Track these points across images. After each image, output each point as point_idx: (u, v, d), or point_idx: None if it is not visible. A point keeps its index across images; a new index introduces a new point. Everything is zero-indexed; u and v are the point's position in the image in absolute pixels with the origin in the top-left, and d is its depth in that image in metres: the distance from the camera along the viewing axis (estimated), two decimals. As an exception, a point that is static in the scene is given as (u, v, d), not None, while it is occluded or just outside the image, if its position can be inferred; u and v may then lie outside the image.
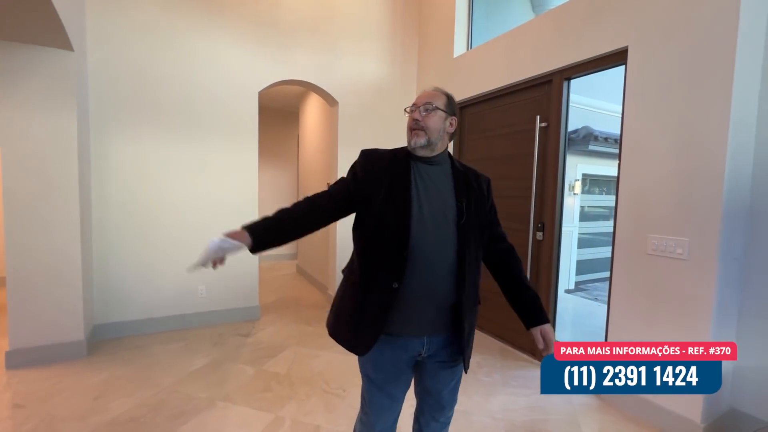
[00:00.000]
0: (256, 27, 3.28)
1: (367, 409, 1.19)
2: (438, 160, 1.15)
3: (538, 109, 2.71)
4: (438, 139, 1.13)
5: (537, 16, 2.78)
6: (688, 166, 1.85)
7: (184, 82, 3.04)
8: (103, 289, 2.88)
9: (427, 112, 1.11)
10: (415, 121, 1.11)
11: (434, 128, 1.11)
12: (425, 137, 1.10)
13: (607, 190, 6.96)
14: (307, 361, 2.61)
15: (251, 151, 3.34)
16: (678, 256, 1.89)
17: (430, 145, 1.12)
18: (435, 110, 1.12)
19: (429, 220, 1.08)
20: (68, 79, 2.42)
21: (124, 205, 2.91)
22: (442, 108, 1.13)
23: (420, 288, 1.07)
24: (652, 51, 1.99)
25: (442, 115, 1.13)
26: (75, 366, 2.43)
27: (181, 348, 2.77)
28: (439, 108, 1.12)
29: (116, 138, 2.87)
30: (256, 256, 3.42)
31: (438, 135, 1.12)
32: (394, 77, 3.93)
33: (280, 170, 6.22)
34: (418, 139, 1.10)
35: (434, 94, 1.15)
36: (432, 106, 1.11)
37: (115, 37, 2.82)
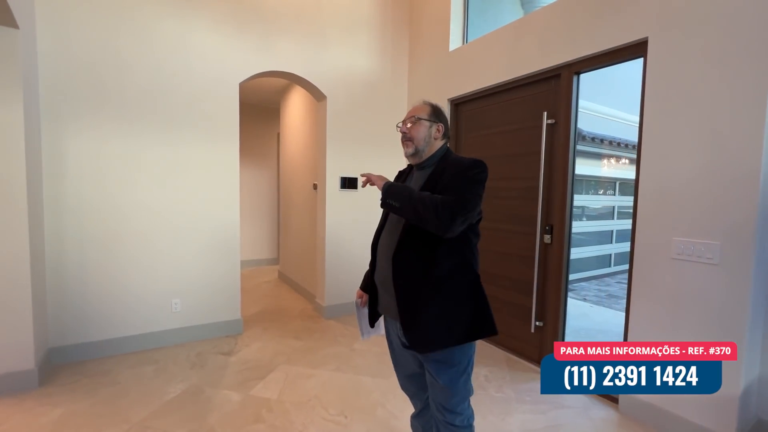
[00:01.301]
0: (236, 11, 2.97)
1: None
2: (426, 164, 1.29)
3: (545, 105, 2.57)
4: (425, 146, 1.28)
5: (540, 7, 2.64)
6: (718, 166, 1.74)
7: (154, 70, 2.70)
8: (59, 307, 2.49)
9: (412, 124, 1.27)
10: (403, 134, 1.29)
11: (419, 137, 1.26)
12: (412, 146, 1.27)
13: (594, 190, 7.03)
14: (301, 382, 2.35)
15: (231, 150, 3.02)
16: (708, 261, 1.77)
17: (418, 152, 1.28)
18: (419, 121, 1.27)
19: (394, 221, 1.27)
20: (12, 61, 2.05)
21: (82, 210, 2.53)
22: (425, 118, 1.28)
23: (378, 276, 1.30)
24: (675, 42, 1.87)
25: (426, 124, 1.27)
26: (24, 401, 2.06)
27: (153, 372, 2.43)
28: (423, 118, 1.27)
29: (72, 133, 2.49)
30: (239, 266, 3.11)
31: (424, 142, 1.27)
32: (385, 71, 3.71)
33: (259, 170, 5.86)
34: (407, 149, 1.29)
35: (419, 108, 1.31)
36: (415, 118, 1.27)
37: (70, 14, 2.44)
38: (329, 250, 3.51)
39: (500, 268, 2.90)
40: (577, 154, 2.50)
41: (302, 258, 4.31)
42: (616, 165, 8.08)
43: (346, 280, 3.61)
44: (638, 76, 2.07)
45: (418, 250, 1.18)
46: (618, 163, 7.94)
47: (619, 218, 8.07)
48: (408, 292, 1.18)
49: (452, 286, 1.18)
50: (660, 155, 1.94)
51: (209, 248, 2.97)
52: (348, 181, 3.56)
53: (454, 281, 1.19)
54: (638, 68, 2.10)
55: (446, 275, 1.18)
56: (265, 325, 3.32)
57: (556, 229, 2.51)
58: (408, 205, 1.13)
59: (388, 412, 2.05)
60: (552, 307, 2.54)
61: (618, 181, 7.98)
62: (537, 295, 2.60)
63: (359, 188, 3.62)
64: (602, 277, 7.13)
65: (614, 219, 8.08)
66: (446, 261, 1.18)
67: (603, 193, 8.26)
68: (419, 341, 1.18)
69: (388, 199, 1.17)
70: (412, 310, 1.18)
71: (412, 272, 1.18)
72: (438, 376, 1.22)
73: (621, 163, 8.09)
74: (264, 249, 5.91)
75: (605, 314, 4.52)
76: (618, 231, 8.05)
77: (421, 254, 1.17)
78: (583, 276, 6.48)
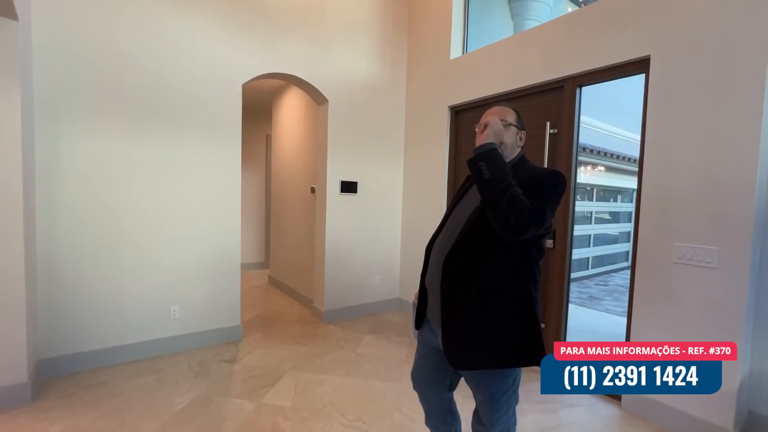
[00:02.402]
0: (240, 11, 2.91)
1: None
2: None
3: (547, 115, 2.68)
4: (510, 153, 1.21)
5: (545, 22, 2.75)
6: (717, 175, 1.88)
7: (155, 68, 2.60)
8: (50, 316, 2.34)
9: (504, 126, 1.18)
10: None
11: (508, 142, 1.19)
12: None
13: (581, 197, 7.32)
14: (312, 388, 2.32)
15: (233, 153, 2.96)
16: (707, 265, 1.90)
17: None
18: (508, 126, 1.19)
19: (452, 224, 1.23)
20: (10, 55, 1.93)
21: (77, 212, 2.40)
22: (514, 123, 1.21)
23: (428, 279, 1.25)
24: (676, 60, 2.01)
25: (514, 130, 1.21)
26: (18, 416, 1.92)
27: (156, 382, 2.33)
28: (512, 123, 1.20)
29: (68, 131, 2.36)
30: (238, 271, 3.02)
31: (510, 149, 1.20)
32: (384, 76, 3.74)
33: (246, 172, 5.70)
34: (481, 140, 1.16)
35: (504, 110, 1.22)
36: (507, 122, 1.19)
37: (69, 7, 2.32)
38: (329, 255, 3.48)
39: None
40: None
41: (297, 262, 4.25)
42: (592, 172, 8.48)
43: (345, 285, 3.59)
44: (612, 90, 2.20)
45: (470, 256, 1.11)
46: (594, 170, 8.33)
47: (596, 223, 8.47)
48: (454, 301, 1.12)
49: (499, 302, 1.10)
50: (661, 165, 2.07)
51: (209, 253, 2.88)
52: (348, 185, 3.56)
53: (501, 297, 1.10)
54: (620, 83, 2.23)
55: (495, 289, 1.10)
56: (265, 331, 3.26)
57: (559, 233, 2.61)
58: (498, 185, 1.01)
59: (405, 416, 2.06)
60: (554, 309, 2.64)
61: (594, 187, 8.38)
62: (539, 297, 2.69)
63: (359, 192, 3.62)
64: (581, 279, 7.45)
65: (591, 224, 8.47)
66: (496, 273, 1.10)
67: (579, 199, 8.62)
68: (455, 355, 1.12)
69: (482, 162, 1.04)
70: (453, 320, 1.12)
71: (459, 279, 1.11)
72: (478, 390, 1.18)
73: (597, 170, 8.49)
74: (253, 253, 5.78)
75: (590, 315, 4.72)
76: (595, 235, 8.44)
77: (472, 261, 1.11)
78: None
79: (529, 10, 4.66)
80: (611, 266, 9.08)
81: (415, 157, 3.80)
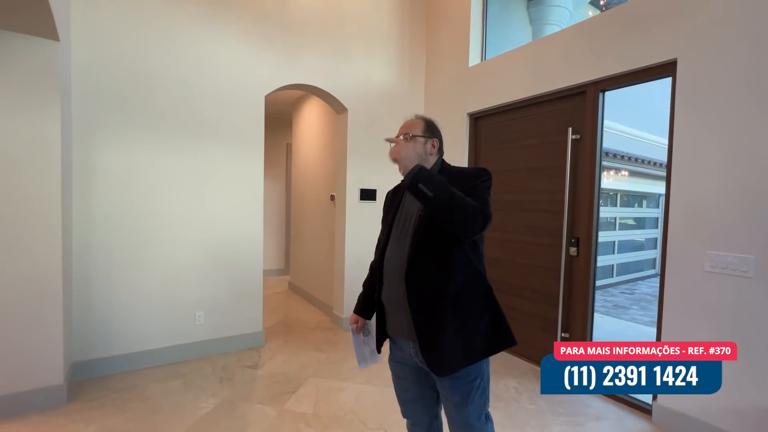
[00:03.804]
0: (263, 25, 3.01)
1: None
2: None
3: (570, 120, 2.64)
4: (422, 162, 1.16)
5: (565, 27, 2.73)
6: (751, 181, 1.80)
7: (183, 83, 2.71)
8: (84, 320, 2.45)
9: (406, 141, 1.19)
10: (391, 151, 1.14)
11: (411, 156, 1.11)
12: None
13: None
14: (333, 395, 2.33)
15: (257, 162, 3.04)
16: (742, 274, 1.82)
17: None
18: (413, 138, 1.21)
19: (398, 235, 1.21)
20: (52, 74, 2.05)
21: (110, 221, 2.51)
22: (420, 134, 1.23)
23: (386, 295, 1.22)
24: (705, 63, 1.96)
25: (421, 140, 1.22)
26: (55, 417, 2.01)
27: (182, 386, 2.39)
28: (417, 135, 1.22)
29: (103, 144, 2.48)
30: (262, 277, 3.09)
31: (419, 160, 1.15)
32: (403, 85, 3.78)
33: (267, 180, 5.82)
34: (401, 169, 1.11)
35: (412, 123, 1.25)
36: (409, 135, 1.21)
37: (104, 27, 2.46)
38: (348, 262, 3.51)
39: (525, 280, 2.93)
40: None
41: (316, 269, 4.30)
42: (615, 177, 8.25)
43: (364, 292, 3.60)
44: (636, 93, 2.15)
45: (431, 264, 1.12)
46: (618, 175, 8.10)
47: (621, 229, 8.21)
48: (426, 311, 1.12)
49: (466, 299, 1.14)
50: (690, 170, 2.01)
51: (232, 260, 2.95)
52: (367, 192, 3.59)
53: (468, 294, 1.14)
54: (643, 86, 2.18)
55: (460, 288, 1.13)
56: (285, 338, 3.30)
57: (583, 241, 2.56)
58: (443, 196, 1.02)
59: (426, 426, 2.04)
60: (579, 318, 2.58)
61: (618, 192, 8.15)
62: (563, 306, 2.64)
63: (378, 199, 3.64)
64: (606, 287, 7.21)
65: (616, 230, 8.22)
66: (459, 273, 1.13)
67: (602, 205, 8.40)
68: (439, 363, 1.12)
69: (420, 183, 1.03)
70: (430, 330, 1.12)
71: (427, 289, 1.12)
72: (453, 393, 1.17)
73: (620, 174, 8.26)
74: (273, 259, 5.88)
75: (616, 325, 4.57)
76: (619, 242, 8.19)
77: (435, 269, 1.12)
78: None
79: (549, 14, 4.61)
80: (637, 273, 8.77)
81: (433, 164, 3.79)
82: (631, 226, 9.15)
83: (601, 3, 5.14)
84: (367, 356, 1.38)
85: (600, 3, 5.20)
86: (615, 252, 8.11)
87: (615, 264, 8.01)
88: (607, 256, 7.90)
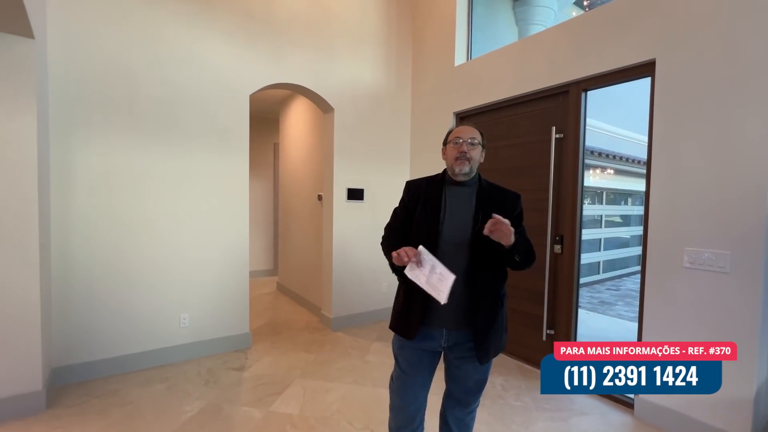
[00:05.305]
0: (248, 24, 2.98)
1: (395, 388, 1.43)
2: (470, 183, 1.37)
3: (553, 120, 2.67)
4: (476, 168, 1.37)
5: (549, 27, 2.76)
6: (727, 179, 1.85)
7: (165, 81, 2.67)
8: (64, 325, 2.39)
9: (473, 145, 1.33)
10: (463, 153, 1.32)
11: (476, 159, 1.35)
12: (469, 166, 1.33)
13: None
14: (320, 396, 2.32)
15: (242, 162, 3.00)
16: (719, 270, 1.87)
17: (471, 172, 1.35)
18: (478, 145, 1.35)
19: (452, 229, 1.32)
20: (26, 73, 1.99)
21: (90, 222, 2.46)
22: (481, 143, 1.37)
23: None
24: (682, 63, 2.00)
25: (480, 148, 1.37)
26: (34, 424, 1.96)
27: (166, 390, 2.36)
28: (481, 143, 1.37)
29: (81, 145, 2.42)
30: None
31: (477, 164, 1.36)
32: (390, 84, 3.77)
33: (254, 180, 5.79)
34: (463, 167, 1.32)
35: (474, 131, 1.37)
36: (476, 141, 1.35)
37: (82, 25, 2.40)
38: (336, 262, 3.50)
39: (510, 277, 2.94)
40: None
41: (304, 269, 4.27)
42: (602, 175, 8.38)
43: (352, 292, 3.60)
44: (620, 92, 2.19)
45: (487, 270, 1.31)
46: (604, 173, 8.23)
47: (607, 227, 8.35)
48: (481, 309, 1.30)
49: (501, 301, 1.37)
50: (669, 168, 2.05)
51: (218, 261, 2.92)
52: (354, 192, 3.58)
53: (502, 297, 1.38)
54: (627, 85, 2.22)
55: (501, 292, 1.37)
56: (273, 339, 3.27)
57: (567, 239, 2.59)
58: (525, 259, 1.28)
59: (413, 425, 2.04)
60: (563, 315, 2.61)
61: (604, 190, 8.28)
62: (548, 303, 2.67)
63: (365, 199, 3.64)
64: (593, 284, 7.32)
65: (602, 228, 8.36)
66: (500, 278, 1.36)
67: (589, 203, 8.52)
68: (487, 354, 1.32)
69: (516, 255, 1.24)
70: (486, 329, 1.30)
71: (484, 291, 1.30)
72: (479, 385, 1.41)
73: (606, 173, 8.39)
74: (261, 260, 5.83)
75: (601, 321, 4.65)
76: (606, 239, 8.32)
77: (489, 274, 1.31)
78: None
79: (534, 15, 4.66)
80: (623, 270, 8.92)
81: (421, 164, 3.81)
82: (617, 224, 9.31)
83: (585, 3, 5.20)
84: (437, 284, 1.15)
85: (584, 3, 5.27)
86: (601, 249, 8.25)
87: (601, 261, 8.15)
88: (593, 253, 8.03)
